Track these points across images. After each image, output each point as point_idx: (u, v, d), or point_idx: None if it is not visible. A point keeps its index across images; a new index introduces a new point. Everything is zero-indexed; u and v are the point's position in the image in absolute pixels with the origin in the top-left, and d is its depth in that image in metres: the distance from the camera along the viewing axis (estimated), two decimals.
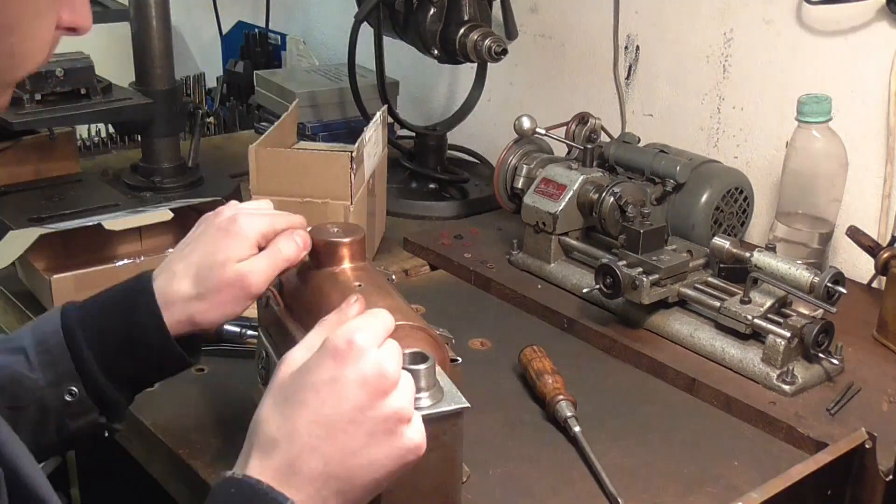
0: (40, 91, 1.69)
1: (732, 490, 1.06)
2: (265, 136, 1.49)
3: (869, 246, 1.43)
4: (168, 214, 1.47)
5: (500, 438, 1.15)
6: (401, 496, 0.91)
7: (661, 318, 1.36)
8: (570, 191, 1.51)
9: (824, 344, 1.24)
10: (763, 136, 1.70)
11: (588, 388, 1.25)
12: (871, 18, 1.52)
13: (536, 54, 2.07)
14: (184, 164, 1.85)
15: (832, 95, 1.43)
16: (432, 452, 0.90)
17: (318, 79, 2.23)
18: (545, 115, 1.68)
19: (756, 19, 1.67)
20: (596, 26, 1.93)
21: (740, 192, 1.55)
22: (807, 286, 1.24)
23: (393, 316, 0.96)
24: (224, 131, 2.41)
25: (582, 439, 1.12)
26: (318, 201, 1.43)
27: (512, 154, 1.64)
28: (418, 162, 1.92)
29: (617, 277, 1.31)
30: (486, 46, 1.70)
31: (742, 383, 1.25)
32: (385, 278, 1.10)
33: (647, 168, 1.56)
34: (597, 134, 1.65)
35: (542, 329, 1.43)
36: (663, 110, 1.86)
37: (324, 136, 2.10)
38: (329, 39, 2.64)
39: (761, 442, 1.17)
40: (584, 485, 1.07)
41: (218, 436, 1.14)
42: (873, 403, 1.22)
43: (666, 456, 1.13)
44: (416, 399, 0.88)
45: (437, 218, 1.82)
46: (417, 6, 1.75)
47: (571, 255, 1.54)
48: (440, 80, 2.32)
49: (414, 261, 1.65)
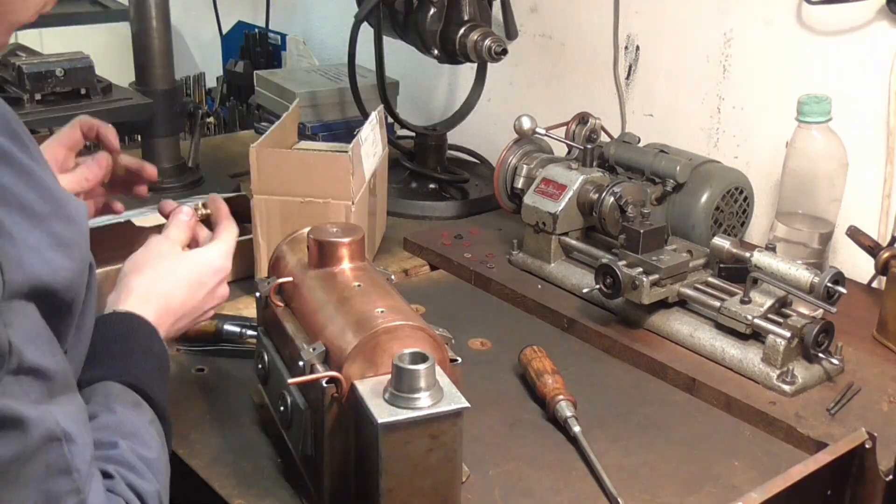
0: (40, 91, 1.69)
1: (732, 490, 1.06)
2: (266, 135, 1.49)
3: (869, 246, 1.43)
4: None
5: (500, 438, 1.15)
6: (401, 496, 0.91)
7: (661, 318, 1.36)
8: (570, 191, 1.51)
9: (824, 344, 1.24)
10: (763, 136, 1.70)
11: (588, 388, 1.25)
12: (871, 18, 1.52)
13: (536, 54, 2.07)
14: (184, 164, 1.85)
15: (832, 95, 1.43)
16: (432, 452, 0.91)
17: (318, 79, 2.23)
18: (545, 115, 1.68)
19: (756, 19, 1.67)
20: (596, 26, 1.93)
21: (740, 192, 1.55)
22: (807, 286, 1.24)
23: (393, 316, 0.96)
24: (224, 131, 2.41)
25: (582, 439, 1.12)
26: (318, 201, 1.43)
27: (512, 154, 1.64)
28: (418, 162, 1.92)
29: (617, 277, 1.31)
30: (486, 46, 1.70)
31: (742, 383, 1.25)
32: (385, 278, 1.10)
33: (647, 168, 1.56)
34: (597, 134, 1.65)
35: (542, 329, 1.43)
36: (663, 110, 1.86)
37: (324, 136, 2.10)
38: (329, 39, 2.64)
39: (761, 442, 1.17)
40: (584, 485, 1.07)
41: (218, 436, 1.14)
42: (873, 403, 1.22)
43: (666, 456, 1.13)
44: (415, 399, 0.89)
45: (437, 218, 1.83)
46: (417, 6, 1.75)
47: (571, 255, 1.54)
48: (440, 80, 2.32)
49: (414, 261, 1.65)
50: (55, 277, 0.73)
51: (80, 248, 0.78)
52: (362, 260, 1.10)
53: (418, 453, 0.90)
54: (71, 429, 0.73)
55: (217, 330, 1.30)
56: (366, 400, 0.90)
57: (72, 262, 0.75)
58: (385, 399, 0.90)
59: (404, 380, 0.89)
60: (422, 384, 0.89)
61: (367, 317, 0.97)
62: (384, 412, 0.88)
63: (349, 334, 0.95)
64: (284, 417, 1.03)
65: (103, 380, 0.88)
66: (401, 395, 0.89)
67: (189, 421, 1.15)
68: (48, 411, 0.71)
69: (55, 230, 0.74)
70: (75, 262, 0.76)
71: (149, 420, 0.88)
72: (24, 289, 0.71)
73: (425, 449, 0.90)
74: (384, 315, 0.96)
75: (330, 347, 0.97)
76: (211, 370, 1.27)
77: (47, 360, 0.73)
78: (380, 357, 0.94)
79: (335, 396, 0.94)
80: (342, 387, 0.93)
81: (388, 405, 0.89)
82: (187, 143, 1.90)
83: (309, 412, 0.98)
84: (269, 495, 1.04)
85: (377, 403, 0.90)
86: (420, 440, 0.90)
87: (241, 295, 1.46)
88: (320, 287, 1.06)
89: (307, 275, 1.09)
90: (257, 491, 1.04)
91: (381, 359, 0.94)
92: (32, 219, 0.72)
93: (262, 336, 1.14)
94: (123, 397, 0.88)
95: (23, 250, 0.71)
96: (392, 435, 0.89)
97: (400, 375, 0.89)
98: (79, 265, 0.77)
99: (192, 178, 1.84)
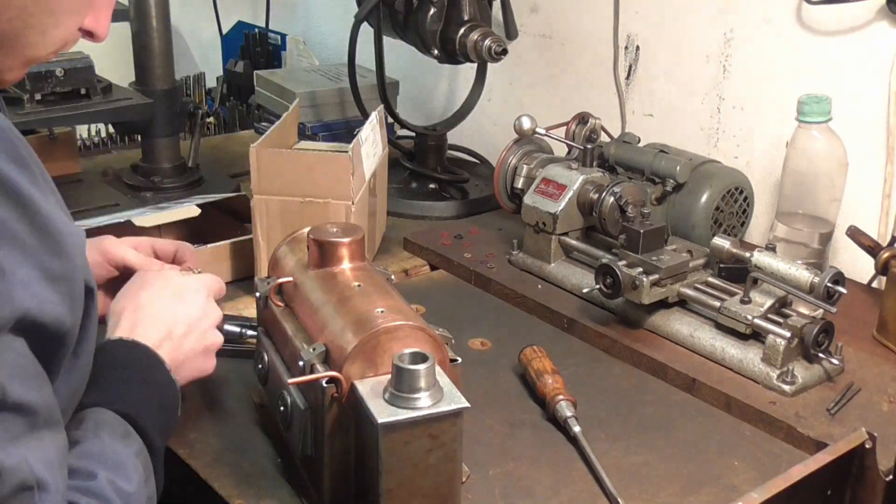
0: (40, 91, 1.69)
1: (732, 490, 1.06)
2: (266, 135, 1.49)
3: (869, 246, 1.43)
4: (196, 210, 1.52)
5: (500, 438, 1.15)
6: (401, 496, 0.91)
7: (661, 318, 1.36)
8: (570, 191, 1.51)
9: (824, 344, 1.24)
10: (763, 136, 1.70)
11: (588, 388, 1.25)
12: (871, 18, 1.52)
13: (536, 54, 2.07)
14: (184, 164, 1.85)
15: (832, 95, 1.43)
16: (432, 452, 0.91)
17: (318, 79, 2.23)
18: (545, 115, 1.68)
19: (756, 19, 1.67)
20: (596, 26, 1.93)
21: (740, 192, 1.55)
22: (807, 286, 1.24)
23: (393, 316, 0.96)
24: (224, 131, 2.41)
25: (582, 439, 1.12)
26: (319, 201, 1.43)
27: (512, 154, 1.64)
28: (418, 162, 1.92)
29: (617, 277, 1.31)
30: (486, 46, 1.70)
31: (742, 383, 1.25)
32: (385, 278, 1.10)
33: (647, 168, 1.56)
34: (597, 134, 1.65)
35: (542, 329, 1.43)
36: (663, 110, 1.86)
37: (324, 136, 2.10)
38: (329, 39, 2.64)
39: (761, 442, 1.17)
40: (584, 485, 1.07)
41: (217, 436, 1.14)
42: (873, 403, 1.22)
43: (666, 456, 1.13)
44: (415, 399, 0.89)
45: (437, 218, 1.82)
46: (417, 6, 1.75)
47: (571, 255, 1.54)
48: (440, 80, 2.32)
49: (414, 261, 1.65)
50: (43, 311, 0.74)
51: (73, 280, 0.78)
52: (362, 260, 1.10)
53: (418, 453, 0.90)
54: (45, 476, 0.73)
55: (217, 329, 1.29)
56: (366, 400, 0.90)
57: (61, 296, 0.76)
58: (385, 399, 0.90)
59: (404, 380, 0.89)
60: (422, 384, 0.89)
61: (367, 317, 0.97)
62: (384, 412, 0.88)
63: (349, 334, 0.95)
64: (284, 417, 1.03)
65: (97, 405, 0.89)
66: (401, 395, 0.89)
67: (189, 421, 1.15)
68: (24, 459, 0.71)
69: (46, 264, 0.74)
70: (65, 297, 0.76)
71: (135, 452, 0.88)
72: (11, 322, 0.71)
73: (425, 449, 0.90)
74: (384, 315, 0.96)
75: (330, 347, 0.97)
76: None
77: (32, 396, 0.73)
78: (380, 357, 0.94)
79: (335, 396, 0.94)
80: (342, 387, 0.93)
81: (388, 405, 0.89)
82: (187, 143, 1.90)
83: (309, 412, 0.98)
84: (269, 495, 1.04)
85: (377, 403, 0.90)
86: (420, 440, 0.90)
87: (241, 295, 1.47)
88: (320, 287, 1.06)
89: (307, 275, 1.09)
90: (257, 491, 1.04)
91: (381, 359, 0.94)
92: (24, 252, 0.73)
93: (262, 336, 1.14)
94: (113, 426, 0.88)
95: (13, 284, 0.71)
96: (392, 435, 0.89)
97: (400, 375, 0.89)
98: (70, 299, 0.77)
99: (192, 178, 1.84)
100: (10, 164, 0.73)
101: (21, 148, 0.75)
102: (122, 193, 1.79)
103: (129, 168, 1.85)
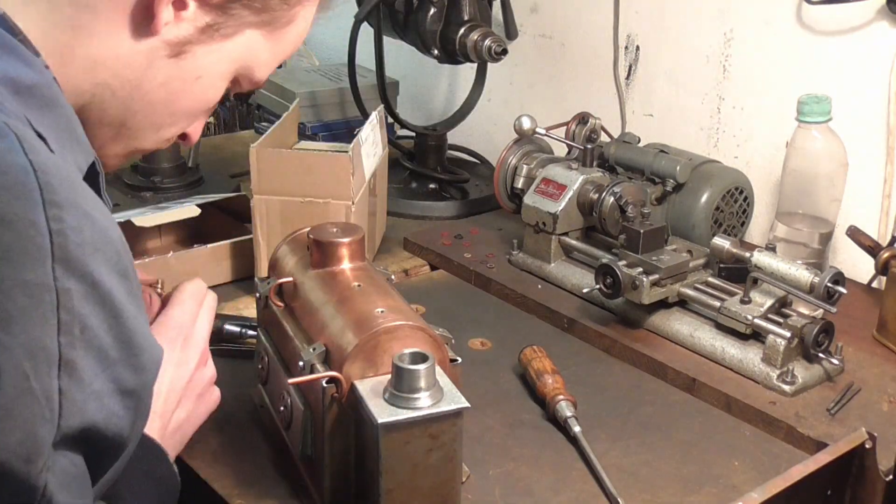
0: None
1: (732, 490, 1.06)
2: (266, 135, 1.49)
3: (869, 246, 1.43)
4: (196, 210, 1.52)
5: (500, 438, 1.15)
6: (401, 496, 0.91)
7: (661, 318, 1.36)
8: (570, 191, 1.51)
9: (824, 344, 1.24)
10: (763, 136, 1.70)
11: (588, 388, 1.25)
12: (871, 18, 1.52)
13: (536, 54, 2.07)
14: (184, 164, 1.85)
15: (832, 95, 1.43)
16: (432, 452, 0.91)
17: (318, 79, 2.23)
18: (545, 115, 1.68)
19: (756, 19, 1.67)
20: (596, 26, 1.93)
21: (740, 192, 1.55)
22: (807, 286, 1.24)
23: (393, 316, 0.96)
24: (224, 131, 2.40)
25: (582, 439, 1.12)
26: (319, 201, 1.43)
27: (512, 154, 1.64)
28: (418, 162, 1.92)
29: (617, 277, 1.31)
30: (486, 46, 1.70)
31: (742, 383, 1.25)
32: (385, 278, 1.10)
33: (647, 168, 1.57)
34: (597, 134, 1.65)
35: (542, 329, 1.43)
36: (663, 110, 1.86)
37: (324, 136, 2.10)
38: (329, 39, 2.63)
39: (761, 442, 1.17)
40: (584, 485, 1.07)
41: (217, 435, 1.14)
42: (873, 403, 1.22)
43: (666, 456, 1.13)
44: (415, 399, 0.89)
45: (437, 218, 1.82)
46: (417, 6, 1.75)
47: (571, 255, 1.54)
48: (440, 80, 2.32)
49: (414, 261, 1.65)
50: (108, 424, 0.74)
51: (143, 398, 0.78)
52: (362, 260, 1.10)
53: (418, 453, 0.90)
54: None
55: (217, 330, 1.29)
56: (366, 400, 0.90)
57: (127, 410, 0.76)
58: (385, 399, 0.90)
59: (404, 380, 0.89)
60: (422, 384, 0.89)
61: (367, 317, 0.97)
62: (384, 412, 0.88)
63: (349, 334, 0.95)
64: (284, 417, 1.03)
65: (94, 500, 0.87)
66: (401, 395, 0.89)
67: None
68: None
69: (122, 377, 0.75)
70: (131, 411, 0.76)
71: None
72: (77, 433, 0.71)
73: (425, 449, 0.90)
74: (384, 315, 0.96)
75: (330, 347, 0.97)
76: None
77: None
78: (380, 357, 0.94)
79: (335, 396, 0.94)
80: (342, 387, 0.93)
81: (388, 405, 0.89)
82: None
83: (309, 412, 0.98)
84: (269, 495, 1.04)
85: (377, 403, 0.90)
86: (420, 440, 0.90)
87: (241, 295, 1.47)
88: (320, 287, 1.06)
89: (307, 275, 1.09)
90: (257, 491, 1.04)
91: (381, 359, 0.94)
92: (103, 362, 0.73)
93: (262, 336, 1.14)
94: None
95: (87, 395, 0.71)
96: (392, 435, 0.89)
97: (400, 375, 0.89)
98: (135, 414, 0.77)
99: (192, 178, 1.84)
100: (113, 275, 0.73)
101: (125, 258, 0.75)
102: (122, 193, 1.79)
103: (129, 168, 1.84)
